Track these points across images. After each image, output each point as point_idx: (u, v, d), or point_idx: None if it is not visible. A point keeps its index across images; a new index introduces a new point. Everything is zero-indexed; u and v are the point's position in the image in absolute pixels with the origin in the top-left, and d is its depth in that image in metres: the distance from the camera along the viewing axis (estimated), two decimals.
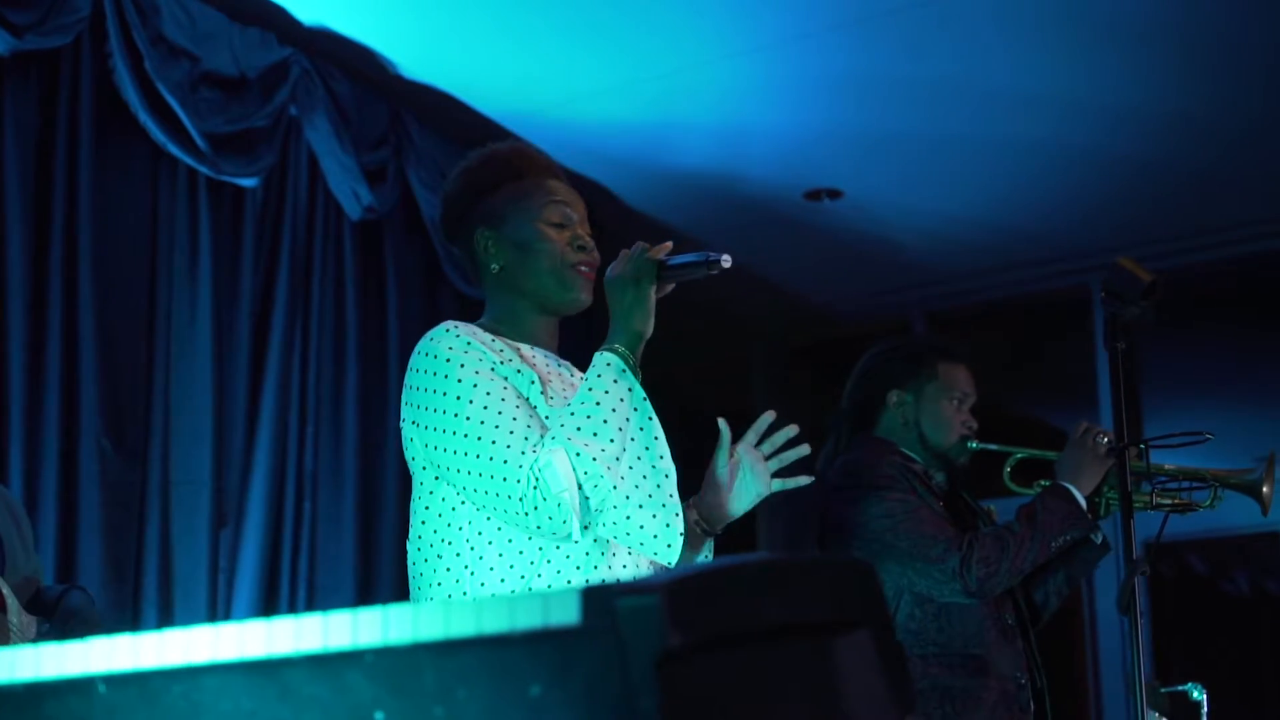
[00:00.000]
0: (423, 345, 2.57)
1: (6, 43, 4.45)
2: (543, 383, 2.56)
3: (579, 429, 2.41)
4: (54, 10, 4.55)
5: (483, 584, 2.48)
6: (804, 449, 2.80)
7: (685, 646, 1.06)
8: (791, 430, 2.79)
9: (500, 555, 2.47)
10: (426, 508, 2.56)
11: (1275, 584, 7.62)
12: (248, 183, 5.25)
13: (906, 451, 3.86)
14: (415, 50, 5.59)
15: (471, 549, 2.49)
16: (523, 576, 2.46)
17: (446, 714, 1.09)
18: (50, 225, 4.62)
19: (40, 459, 4.47)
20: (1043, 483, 3.81)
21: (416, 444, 2.54)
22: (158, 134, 4.91)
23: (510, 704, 1.07)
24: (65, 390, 4.58)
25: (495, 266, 2.70)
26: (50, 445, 4.50)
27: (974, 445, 3.89)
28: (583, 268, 2.67)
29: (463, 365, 2.49)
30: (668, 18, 5.33)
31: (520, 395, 2.50)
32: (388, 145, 5.79)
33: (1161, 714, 3.86)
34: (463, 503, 2.50)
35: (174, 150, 4.97)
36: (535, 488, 2.37)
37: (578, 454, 2.38)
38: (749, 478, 2.76)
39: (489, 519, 2.48)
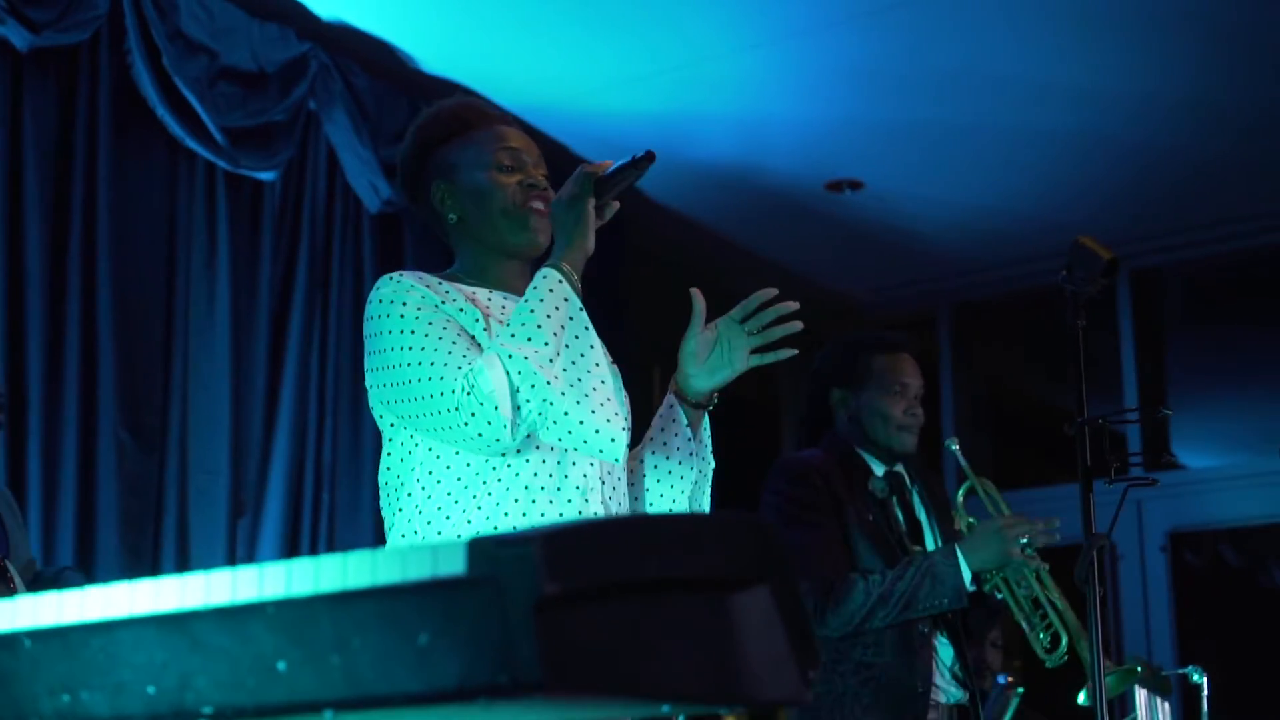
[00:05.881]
0: (369, 298, 2.59)
1: (25, 39, 4.52)
2: (486, 320, 2.56)
3: (513, 335, 2.42)
4: (72, 7, 4.62)
5: (429, 522, 2.49)
6: (795, 325, 2.68)
7: (563, 595, 1.09)
8: (787, 306, 2.69)
9: (449, 491, 2.48)
10: (389, 454, 2.59)
11: None
12: (266, 176, 5.30)
13: (860, 451, 3.87)
14: (434, 44, 5.64)
15: (423, 489, 2.51)
16: (475, 497, 2.46)
17: (342, 663, 1.13)
18: (69, 219, 4.69)
19: (59, 450, 4.54)
20: (971, 521, 3.85)
21: (373, 393, 2.56)
22: (176, 128, 4.98)
23: (400, 652, 1.11)
24: (84, 382, 4.65)
25: (453, 217, 2.70)
26: (69, 436, 4.57)
27: (954, 447, 3.95)
28: (536, 204, 2.66)
29: (404, 304, 2.50)
30: (685, 10, 5.35)
31: (461, 327, 2.51)
32: None
33: (1158, 695, 3.89)
34: (417, 445, 2.53)
35: (192, 144, 5.03)
36: (469, 394, 2.38)
37: (510, 356, 2.39)
38: (726, 352, 2.70)
39: (438, 457, 2.50)
